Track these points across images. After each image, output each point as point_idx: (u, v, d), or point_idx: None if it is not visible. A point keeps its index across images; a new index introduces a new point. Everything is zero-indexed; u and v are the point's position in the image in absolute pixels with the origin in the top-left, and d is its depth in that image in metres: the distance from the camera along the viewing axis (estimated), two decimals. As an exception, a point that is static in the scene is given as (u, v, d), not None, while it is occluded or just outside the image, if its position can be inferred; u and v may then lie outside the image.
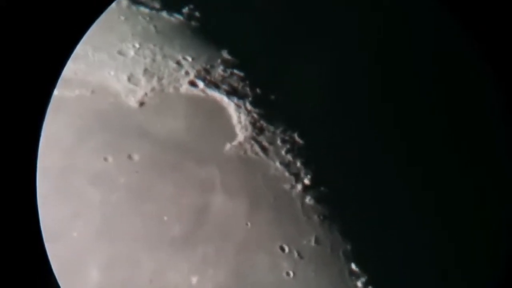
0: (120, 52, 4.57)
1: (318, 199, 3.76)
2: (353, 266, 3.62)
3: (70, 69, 4.35)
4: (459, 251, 3.84)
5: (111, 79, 4.40)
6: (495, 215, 4.08)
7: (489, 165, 4.37)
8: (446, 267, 3.72)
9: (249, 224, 3.66)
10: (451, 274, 3.75)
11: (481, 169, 4.31)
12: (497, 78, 3.37)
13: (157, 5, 5.00)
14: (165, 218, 3.66)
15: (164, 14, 4.92)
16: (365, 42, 4.76)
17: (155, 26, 4.79)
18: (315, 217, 3.72)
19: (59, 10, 2.73)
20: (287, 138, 4.01)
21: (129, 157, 3.93)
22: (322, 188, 3.81)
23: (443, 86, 4.68)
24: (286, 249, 3.60)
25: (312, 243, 3.64)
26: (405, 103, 4.48)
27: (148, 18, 4.88)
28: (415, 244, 3.75)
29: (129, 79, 4.38)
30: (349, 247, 3.65)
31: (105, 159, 3.92)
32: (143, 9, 4.96)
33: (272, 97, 4.23)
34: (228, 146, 3.97)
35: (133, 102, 4.24)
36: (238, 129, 4.05)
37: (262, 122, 4.07)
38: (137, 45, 4.61)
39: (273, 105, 4.18)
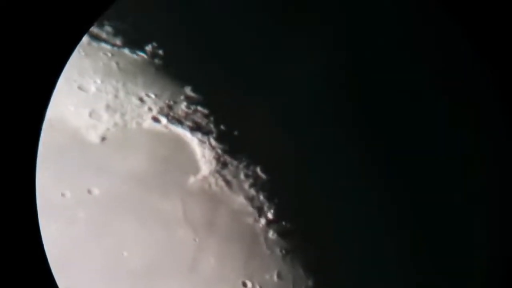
0: (81, 88, 4.75)
1: (281, 233, 3.99)
2: (315, 301, 3.82)
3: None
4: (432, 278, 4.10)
5: (71, 114, 4.54)
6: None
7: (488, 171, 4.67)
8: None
9: (212, 258, 3.82)
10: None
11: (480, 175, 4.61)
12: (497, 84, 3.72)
13: (118, 42, 5.23)
14: (125, 253, 3.77)
15: (126, 51, 5.16)
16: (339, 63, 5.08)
17: (117, 63, 5.01)
18: (278, 251, 3.93)
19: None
20: (250, 172, 4.26)
21: (89, 191, 4.05)
22: (284, 223, 4.05)
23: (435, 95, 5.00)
24: (249, 285, 3.76)
25: (275, 278, 3.82)
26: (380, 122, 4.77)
27: (109, 55, 5.10)
28: (380, 278, 3.99)
29: (90, 115, 4.54)
30: (311, 283, 3.86)
31: (63, 194, 4.02)
32: (104, 46, 5.17)
33: (236, 133, 4.51)
34: (192, 180, 4.17)
35: (94, 137, 4.39)
36: (202, 163, 4.27)
37: (226, 157, 4.32)
38: (98, 81, 4.80)
39: (237, 140, 4.45)
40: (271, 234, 4.00)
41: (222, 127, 4.52)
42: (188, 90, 4.78)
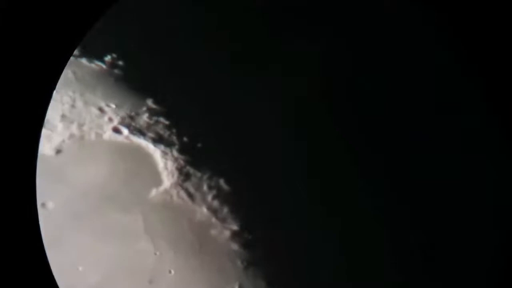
0: (34, 97, 4.79)
1: (243, 245, 4.14)
2: (277, 316, 3.96)
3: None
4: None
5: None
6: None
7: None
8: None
9: (172, 271, 3.92)
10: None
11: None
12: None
13: (75, 52, 5.31)
14: (80, 268, 3.82)
15: (83, 60, 5.24)
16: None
17: (74, 72, 5.08)
18: (240, 263, 4.07)
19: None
20: (213, 184, 4.41)
21: (43, 205, 4.09)
22: (246, 235, 4.20)
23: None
24: (210, 297, 3.89)
25: (236, 291, 3.96)
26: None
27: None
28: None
29: (43, 125, 4.59)
30: (272, 297, 4.01)
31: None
32: (59, 55, 5.23)
33: (199, 145, 4.65)
34: (153, 192, 4.28)
35: (48, 149, 4.44)
36: (164, 175, 4.39)
37: (188, 168, 4.45)
38: (53, 90, 4.85)
39: (199, 152, 4.59)
40: (233, 245, 4.14)
41: (185, 138, 4.66)
42: (149, 102, 4.90)
